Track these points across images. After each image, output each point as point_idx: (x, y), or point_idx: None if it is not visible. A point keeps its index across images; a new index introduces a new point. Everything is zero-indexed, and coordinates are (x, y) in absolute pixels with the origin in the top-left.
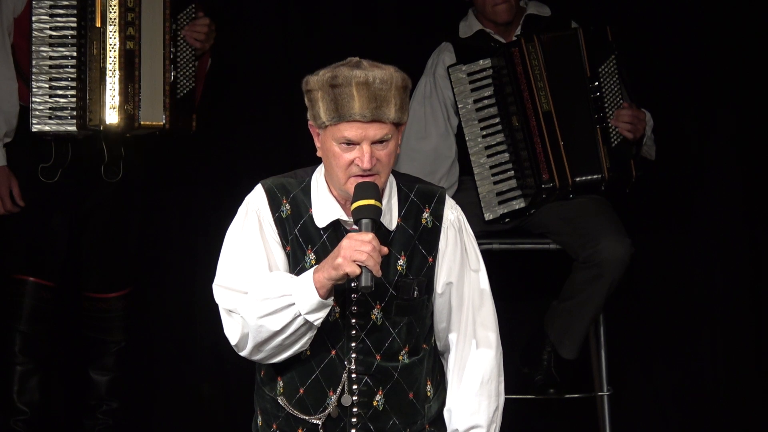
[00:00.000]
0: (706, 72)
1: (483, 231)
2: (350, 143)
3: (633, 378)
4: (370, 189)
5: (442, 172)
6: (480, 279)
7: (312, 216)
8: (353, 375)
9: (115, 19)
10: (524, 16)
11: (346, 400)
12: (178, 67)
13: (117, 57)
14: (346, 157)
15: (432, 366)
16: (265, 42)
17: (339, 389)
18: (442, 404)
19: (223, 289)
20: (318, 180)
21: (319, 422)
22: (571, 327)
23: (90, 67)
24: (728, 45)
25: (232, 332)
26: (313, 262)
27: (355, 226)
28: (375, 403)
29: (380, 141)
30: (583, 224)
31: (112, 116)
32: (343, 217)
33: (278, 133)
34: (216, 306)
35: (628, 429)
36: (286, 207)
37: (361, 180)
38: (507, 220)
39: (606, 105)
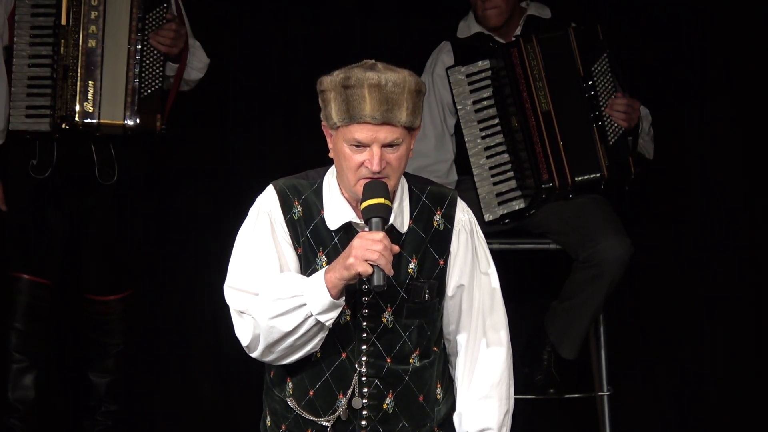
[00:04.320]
0: (705, 69)
1: (483, 231)
2: (360, 145)
3: (633, 378)
4: (379, 188)
5: (440, 172)
6: (491, 282)
7: (324, 218)
8: (363, 378)
9: (79, 17)
10: (525, 16)
11: (357, 402)
12: (143, 66)
13: (79, 55)
14: (356, 159)
15: (442, 369)
16: (266, 42)
17: (349, 392)
18: (451, 407)
19: (235, 290)
20: (330, 182)
21: (329, 424)
22: (571, 327)
23: (59, 66)
24: (728, 41)
25: (243, 333)
26: (324, 264)
27: (366, 228)
28: (385, 406)
29: (390, 144)
30: (583, 224)
31: (74, 114)
32: (355, 219)
33: (281, 135)
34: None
35: (628, 429)
36: (298, 209)
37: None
38: (507, 220)
39: (601, 104)
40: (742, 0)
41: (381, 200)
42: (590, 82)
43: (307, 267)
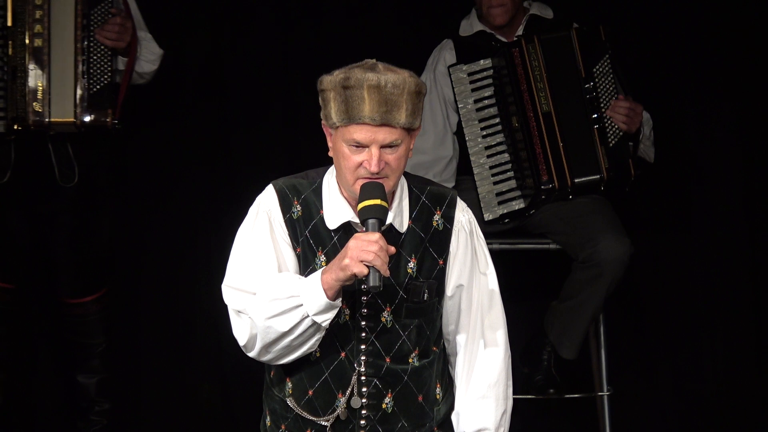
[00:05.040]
0: (706, 71)
1: (483, 231)
2: (359, 145)
3: (633, 378)
4: (375, 189)
5: (436, 169)
6: (489, 282)
7: (323, 217)
8: (363, 377)
9: (24, 17)
10: (527, 16)
11: (356, 402)
12: (91, 62)
13: (26, 55)
14: (355, 159)
15: (441, 369)
16: (267, 40)
17: (348, 391)
18: (451, 407)
19: (233, 289)
20: (329, 181)
21: (328, 424)
22: (571, 327)
23: (8, 67)
24: (729, 44)
25: (240, 333)
26: (323, 263)
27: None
28: (384, 406)
29: (390, 145)
30: (583, 224)
31: (25, 115)
32: (354, 219)
33: (281, 134)
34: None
35: (628, 429)
36: (297, 208)
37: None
38: (506, 220)
39: (602, 105)
40: (743, 2)
41: (377, 201)
42: (591, 84)
43: (306, 267)
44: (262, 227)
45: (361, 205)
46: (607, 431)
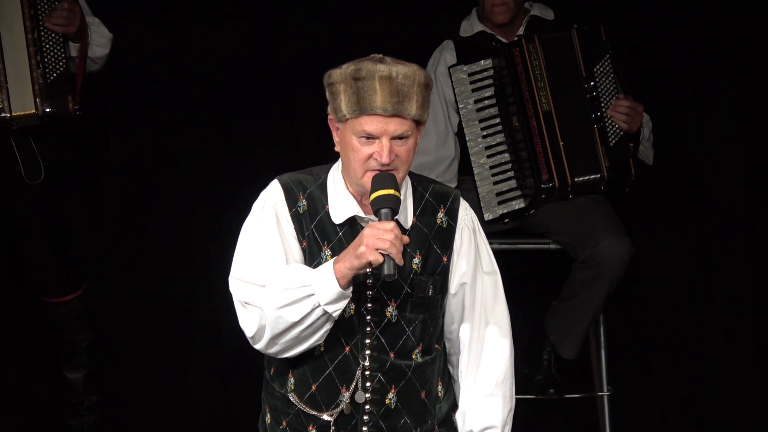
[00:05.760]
0: (706, 70)
1: (483, 231)
2: (370, 137)
3: (633, 378)
4: (388, 179)
5: (439, 170)
6: (493, 279)
7: (328, 212)
8: (367, 372)
9: None
10: (528, 17)
11: (360, 397)
12: (44, 51)
13: None
14: (365, 151)
15: (443, 367)
16: (267, 38)
17: (352, 386)
18: (451, 406)
19: (240, 281)
20: (335, 177)
21: (331, 419)
22: (571, 327)
23: None
24: (729, 43)
25: (248, 324)
26: (328, 257)
27: (374, 218)
28: (387, 401)
29: (400, 137)
30: (583, 224)
31: None
32: (360, 213)
33: (278, 132)
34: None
35: (628, 429)
36: (303, 203)
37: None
38: (506, 220)
39: (602, 104)
40: (743, 2)
41: (390, 191)
42: (592, 83)
43: (312, 261)
44: (269, 220)
45: (373, 195)
46: (607, 431)
